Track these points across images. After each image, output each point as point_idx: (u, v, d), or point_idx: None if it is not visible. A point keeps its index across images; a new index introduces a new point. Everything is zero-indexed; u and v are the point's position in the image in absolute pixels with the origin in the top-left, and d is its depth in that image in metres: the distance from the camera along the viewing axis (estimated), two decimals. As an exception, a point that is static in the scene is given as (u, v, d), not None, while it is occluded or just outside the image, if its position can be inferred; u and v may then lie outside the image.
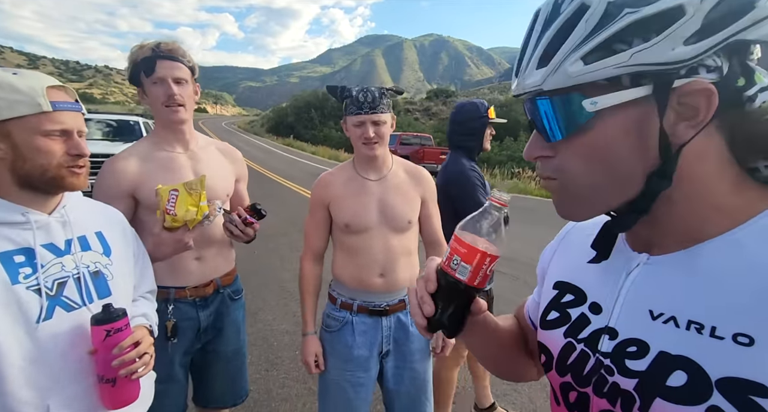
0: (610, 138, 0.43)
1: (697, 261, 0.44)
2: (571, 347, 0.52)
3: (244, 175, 1.61)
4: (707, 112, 0.40)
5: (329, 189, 1.44)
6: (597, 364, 0.48)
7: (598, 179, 0.45)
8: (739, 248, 0.42)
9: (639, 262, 0.48)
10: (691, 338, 0.41)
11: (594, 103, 0.42)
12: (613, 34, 0.40)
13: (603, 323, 0.49)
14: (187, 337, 1.41)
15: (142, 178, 1.31)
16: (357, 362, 1.41)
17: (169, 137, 1.39)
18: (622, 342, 0.46)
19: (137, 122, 8.37)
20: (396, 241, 1.41)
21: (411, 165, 1.52)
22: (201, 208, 1.19)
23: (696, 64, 0.40)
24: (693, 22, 0.38)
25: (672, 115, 0.41)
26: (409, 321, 1.45)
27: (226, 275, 1.50)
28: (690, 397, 0.39)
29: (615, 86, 0.42)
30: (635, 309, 0.47)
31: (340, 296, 1.45)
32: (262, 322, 3.31)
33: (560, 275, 0.60)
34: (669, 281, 0.45)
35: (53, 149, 0.85)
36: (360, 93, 1.35)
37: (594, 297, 0.52)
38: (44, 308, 0.83)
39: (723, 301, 0.40)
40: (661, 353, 0.43)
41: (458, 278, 0.52)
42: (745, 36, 0.39)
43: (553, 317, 0.56)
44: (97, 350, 0.87)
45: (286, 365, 2.73)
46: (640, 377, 0.43)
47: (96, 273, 0.95)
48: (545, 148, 0.48)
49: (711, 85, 0.40)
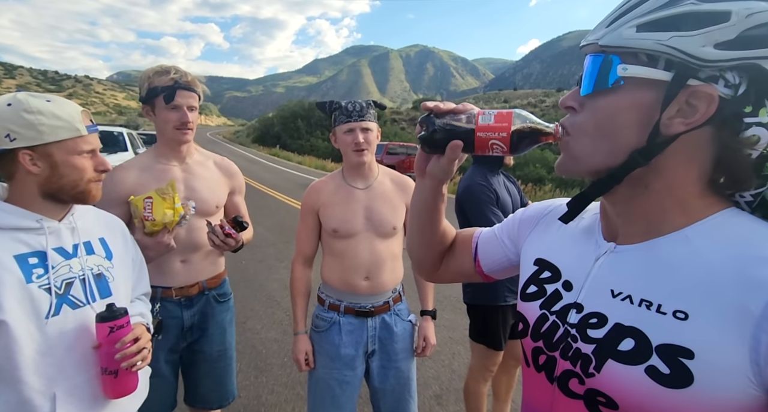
0: (622, 107, 0.49)
1: (653, 252, 0.52)
2: (544, 318, 0.60)
3: (241, 188, 1.71)
4: (702, 116, 0.46)
5: (319, 196, 1.53)
6: (564, 333, 0.57)
7: (598, 142, 0.52)
8: (686, 242, 0.49)
9: (607, 250, 0.57)
10: (641, 312, 0.49)
11: (625, 69, 0.48)
12: (671, 15, 0.46)
13: (572, 299, 0.58)
14: (171, 334, 1.49)
15: (136, 187, 1.41)
16: (344, 360, 1.49)
17: (168, 152, 1.51)
18: (586, 315, 0.55)
19: (121, 133, 8.32)
20: (381, 246, 1.51)
21: (396, 174, 1.63)
22: (176, 209, 1.30)
23: (718, 74, 0.45)
24: (730, 30, 0.43)
25: (674, 109, 0.47)
26: (393, 322, 1.53)
27: (213, 277, 1.58)
28: (634, 358, 0.48)
29: (649, 62, 0.48)
30: (599, 288, 0.55)
31: (328, 298, 1.53)
32: (251, 330, 3.34)
33: (541, 252, 0.67)
34: (629, 266, 0.53)
35: (86, 166, 0.98)
36: (349, 104, 1.47)
37: (567, 276, 0.60)
38: (53, 306, 0.90)
39: (669, 284, 0.49)
40: (617, 324, 0.51)
41: (476, 120, 0.58)
42: (764, 63, 0.43)
43: (531, 290, 0.64)
44: (102, 344, 0.95)
45: (275, 371, 2.78)
46: (597, 343, 0.52)
47: (99, 275, 1.02)
48: (575, 99, 0.54)
49: (716, 94, 0.45)
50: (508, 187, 1.99)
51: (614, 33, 0.49)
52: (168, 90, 1.41)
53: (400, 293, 1.59)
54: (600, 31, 0.51)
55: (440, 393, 2.58)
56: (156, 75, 1.43)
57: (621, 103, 0.50)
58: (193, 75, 1.47)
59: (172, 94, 1.41)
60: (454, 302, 4.00)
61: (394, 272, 1.54)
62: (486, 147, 0.58)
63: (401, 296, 1.59)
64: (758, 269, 0.44)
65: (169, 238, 1.31)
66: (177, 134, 1.46)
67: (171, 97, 1.41)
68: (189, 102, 1.45)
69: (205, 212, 1.50)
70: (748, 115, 0.46)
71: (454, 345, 3.20)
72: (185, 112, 1.44)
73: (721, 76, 0.45)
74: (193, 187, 1.50)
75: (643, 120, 0.49)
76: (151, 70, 1.45)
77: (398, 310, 1.56)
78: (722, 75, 0.45)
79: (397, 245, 1.56)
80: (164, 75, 1.42)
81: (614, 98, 0.50)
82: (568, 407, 0.55)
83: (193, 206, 1.36)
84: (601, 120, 0.51)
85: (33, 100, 0.92)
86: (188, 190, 1.48)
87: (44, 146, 0.92)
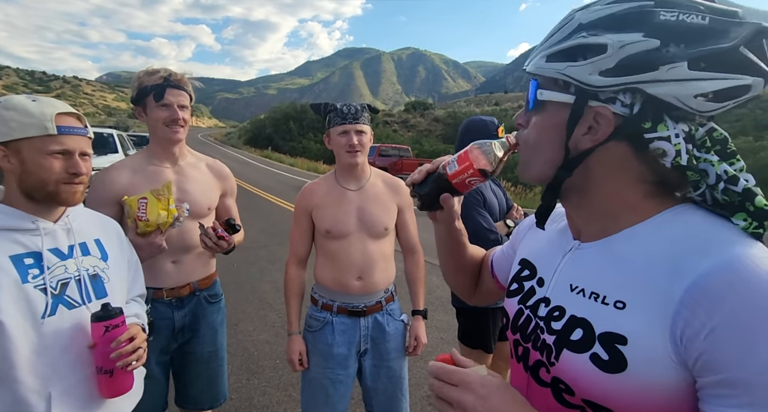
0: (545, 124, 0.56)
1: (606, 248, 0.56)
2: (521, 312, 0.66)
3: (232, 190, 1.72)
4: (603, 134, 0.52)
5: (312, 198, 1.55)
6: (535, 325, 0.62)
7: (534, 153, 0.59)
8: (635, 238, 0.54)
9: (572, 247, 0.62)
10: (590, 304, 0.54)
11: (541, 94, 0.56)
12: (567, 47, 0.52)
13: (543, 294, 0.63)
14: (162, 335, 1.49)
15: (128, 188, 1.42)
16: (337, 360, 1.50)
17: (160, 153, 1.52)
18: (551, 309, 0.59)
19: (111, 134, 8.21)
20: (373, 246, 1.53)
21: (388, 176, 1.66)
22: (170, 211, 1.32)
23: (612, 95, 0.50)
24: (609, 60, 0.49)
25: (584, 127, 0.53)
26: (385, 321, 1.56)
27: (204, 278, 1.59)
28: (581, 347, 0.53)
29: (557, 87, 0.54)
30: (562, 283, 0.60)
31: (321, 298, 1.55)
32: (243, 332, 3.34)
33: (525, 253, 0.73)
34: (586, 262, 0.58)
35: (53, 167, 0.96)
36: (344, 106, 1.50)
37: (541, 273, 0.66)
38: (49, 305, 0.92)
39: (615, 278, 0.53)
40: (572, 316, 0.56)
41: (446, 171, 0.70)
42: (645, 88, 0.48)
43: (514, 288, 0.70)
44: (97, 343, 0.96)
45: (267, 373, 2.78)
46: (556, 334, 0.57)
47: (94, 276, 1.03)
48: (523, 116, 0.61)
49: (612, 115, 0.51)
50: (494, 190, 2.04)
51: (534, 61, 0.56)
52: (158, 88, 1.42)
53: (392, 293, 1.61)
54: (530, 58, 0.58)
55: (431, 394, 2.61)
56: (146, 75, 1.45)
57: (544, 122, 0.56)
58: (183, 74, 1.49)
59: (162, 92, 1.42)
60: (446, 303, 4.02)
61: (386, 272, 1.57)
62: (467, 186, 0.70)
63: (393, 295, 1.62)
64: (688, 260, 0.47)
65: (161, 239, 1.32)
66: (168, 132, 1.46)
67: (161, 95, 1.42)
68: (179, 100, 1.46)
69: (197, 214, 1.51)
70: (648, 131, 0.50)
71: (446, 346, 3.23)
72: (176, 109, 1.45)
73: (617, 98, 0.51)
74: (185, 189, 1.51)
75: (561, 137, 0.55)
76: (141, 72, 1.47)
77: (390, 310, 1.58)
78: (617, 97, 0.51)
79: (389, 245, 1.59)
80: (154, 74, 1.44)
81: (540, 118, 0.57)
82: (540, 396, 0.59)
83: (187, 209, 1.37)
84: (534, 136, 0.58)
85: (17, 98, 0.94)
86: (180, 192, 1.49)
87: (15, 143, 0.92)
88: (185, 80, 1.49)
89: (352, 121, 1.47)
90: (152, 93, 1.42)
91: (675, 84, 0.47)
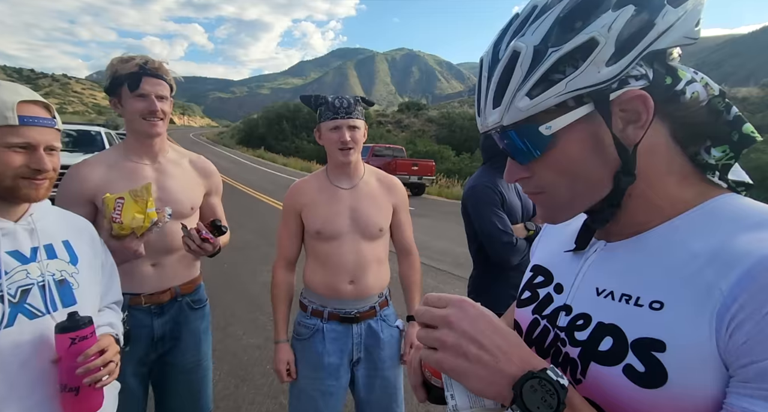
0: (573, 152, 0.49)
1: (639, 245, 0.50)
2: (536, 323, 0.59)
3: (217, 188, 1.62)
4: (648, 113, 0.46)
5: (301, 196, 1.46)
6: (555, 337, 0.55)
7: (574, 187, 0.51)
8: (674, 232, 0.48)
9: (597, 248, 0.55)
10: (620, 308, 0.48)
11: (549, 128, 0.48)
12: (546, 70, 0.46)
13: (562, 302, 0.56)
14: (140, 345, 1.39)
15: (103, 185, 1.31)
16: (328, 370, 1.42)
17: (138, 148, 1.41)
18: (574, 317, 0.53)
19: (99, 132, 8.07)
20: (367, 248, 1.45)
21: (383, 174, 1.57)
22: (148, 215, 1.20)
23: (624, 77, 0.46)
24: (607, 47, 0.45)
25: (619, 122, 0.47)
26: (379, 328, 1.47)
27: (187, 283, 1.49)
28: (612, 358, 0.46)
29: (563, 110, 0.48)
30: (586, 288, 0.53)
31: (311, 304, 1.47)
32: (232, 336, 3.24)
33: (537, 259, 0.67)
34: (615, 262, 0.52)
35: (11, 161, 0.86)
36: (336, 99, 1.40)
37: (559, 278, 0.59)
38: (6, 315, 0.82)
39: (650, 275, 0.47)
40: (599, 323, 0.49)
41: None
42: (656, 46, 0.46)
43: (526, 296, 0.63)
44: (62, 358, 0.86)
45: (257, 380, 2.68)
46: (582, 346, 0.50)
47: (61, 281, 0.94)
48: (522, 170, 0.54)
49: (642, 91, 0.46)
50: (519, 191, 1.86)
51: (510, 111, 0.49)
52: (133, 77, 1.31)
53: (386, 298, 1.53)
54: (493, 115, 0.51)
55: (427, 400, 2.54)
56: (120, 62, 1.33)
57: (570, 147, 0.49)
58: (162, 62, 1.37)
59: (137, 82, 1.31)
60: (441, 305, 3.96)
61: (380, 275, 1.48)
62: None
63: (388, 300, 1.54)
64: (735, 250, 0.42)
65: (137, 244, 1.21)
66: (145, 125, 1.35)
67: (136, 85, 1.31)
68: (157, 90, 1.35)
69: (179, 214, 1.42)
70: (673, 85, 0.48)
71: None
72: (153, 100, 1.34)
73: (629, 76, 0.47)
74: (165, 187, 1.41)
75: (601, 146, 0.49)
76: (115, 59, 1.35)
77: (385, 315, 1.50)
78: (629, 74, 0.47)
79: (383, 247, 1.51)
80: (129, 61, 1.32)
81: (558, 151, 0.50)
82: None
83: (169, 214, 1.26)
84: (563, 170, 0.51)
85: None
86: (160, 191, 1.39)
87: None
88: (164, 68, 1.37)
89: (345, 116, 1.38)
90: (127, 82, 1.31)
91: (679, 24, 0.45)
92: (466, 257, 6.23)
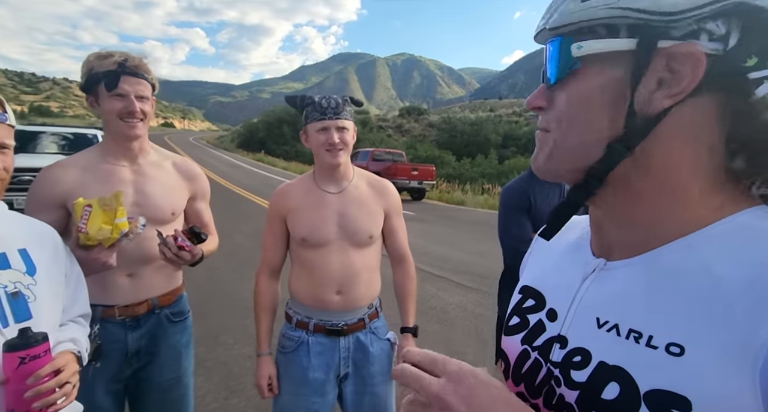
0: (589, 91, 0.41)
1: (651, 265, 0.41)
2: (526, 355, 0.49)
3: (204, 192, 1.53)
4: (689, 83, 0.36)
5: (287, 201, 1.38)
6: (547, 374, 0.45)
7: (567, 135, 0.43)
8: (690, 252, 0.39)
9: (596, 267, 0.46)
10: (628, 347, 0.38)
11: (580, 48, 0.40)
12: None
13: (556, 331, 0.47)
14: (112, 361, 1.29)
15: (76, 189, 1.23)
16: (312, 386, 1.33)
17: (115, 150, 1.32)
18: (570, 351, 0.43)
19: (95, 135, 7.99)
20: (356, 256, 1.36)
21: (374, 177, 1.49)
22: (117, 225, 1.09)
23: (696, 27, 0.36)
24: None
25: (653, 81, 0.38)
26: (368, 341, 1.39)
27: (166, 294, 1.39)
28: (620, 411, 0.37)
29: (608, 34, 0.39)
30: (585, 316, 0.44)
31: (296, 315, 1.38)
32: (223, 346, 3.14)
33: (527, 279, 0.57)
34: (619, 286, 0.42)
35: None
36: (323, 99, 1.32)
37: (552, 303, 0.50)
38: None
39: (663, 307, 0.38)
40: (601, 363, 0.40)
41: None
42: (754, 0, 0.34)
43: (514, 322, 0.54)
44: (9, 379, 0.77)
45: (248, 391, 2.58)
46: (580, 389, 0.40)
47: (15, 294, 0.85)
48: (540, 97, 0.46)
49: (700, 52, 0.36)
50: (550, 194, 1.76)
51: (558, 12, 0.42)
52: (111, 76, 1.23)
53: (377, 309, 1.44)
54: (548, 15, 0.44)
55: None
56: (96, 59, 1.24)
57: (587, 86, 0.41)
58: (142, 58, 1.29)
59: (115, 81, 1.23)
60: (440, 313, 3.86)
61: (370, 286, 1.40)
62: None
63: (378, 312, 1.45)
64: None
65: (107, 255, 1.11)
66: (123, 127, 1.27)
67: (114, 84, 1.23)
68: (137, 89, 1.26)
69: (160, 220, 1.33)
70: (754, 69, 0.35)
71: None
72: (132, 100, 1.25)
73: (702, 29, 0.36)
74: (144, 191, 1.33)
75: (617, 101, 0.40)
76: (92, 55, 1.26)
77: (375, 328, 1.41)
78: (703, 27, 0.36)
79: (374, 255, 1.42)
80: (107, 58, 1.24)
81: (579, 84, 0.42)
82: None
83: (143, 224, 1.16)
84: (574, 109, 0.42)
85: None
86: (139, 195, 1.31)
87: None
88: (145, 66, 1.29)
89: (333, 117, 1.30)
90: (104, 81, 1.23)
91: None
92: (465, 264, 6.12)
